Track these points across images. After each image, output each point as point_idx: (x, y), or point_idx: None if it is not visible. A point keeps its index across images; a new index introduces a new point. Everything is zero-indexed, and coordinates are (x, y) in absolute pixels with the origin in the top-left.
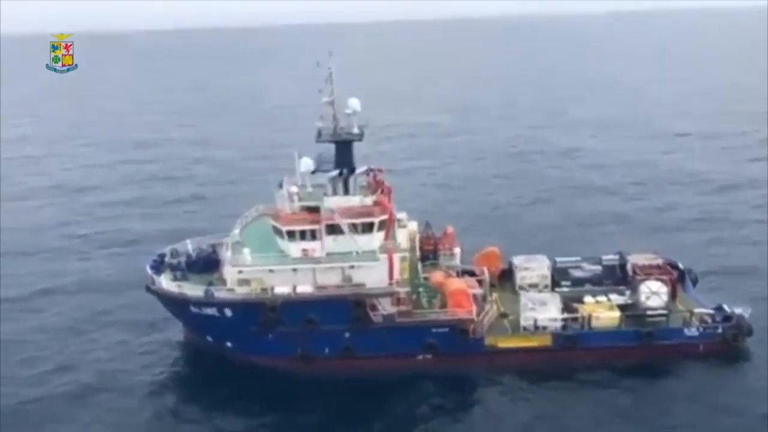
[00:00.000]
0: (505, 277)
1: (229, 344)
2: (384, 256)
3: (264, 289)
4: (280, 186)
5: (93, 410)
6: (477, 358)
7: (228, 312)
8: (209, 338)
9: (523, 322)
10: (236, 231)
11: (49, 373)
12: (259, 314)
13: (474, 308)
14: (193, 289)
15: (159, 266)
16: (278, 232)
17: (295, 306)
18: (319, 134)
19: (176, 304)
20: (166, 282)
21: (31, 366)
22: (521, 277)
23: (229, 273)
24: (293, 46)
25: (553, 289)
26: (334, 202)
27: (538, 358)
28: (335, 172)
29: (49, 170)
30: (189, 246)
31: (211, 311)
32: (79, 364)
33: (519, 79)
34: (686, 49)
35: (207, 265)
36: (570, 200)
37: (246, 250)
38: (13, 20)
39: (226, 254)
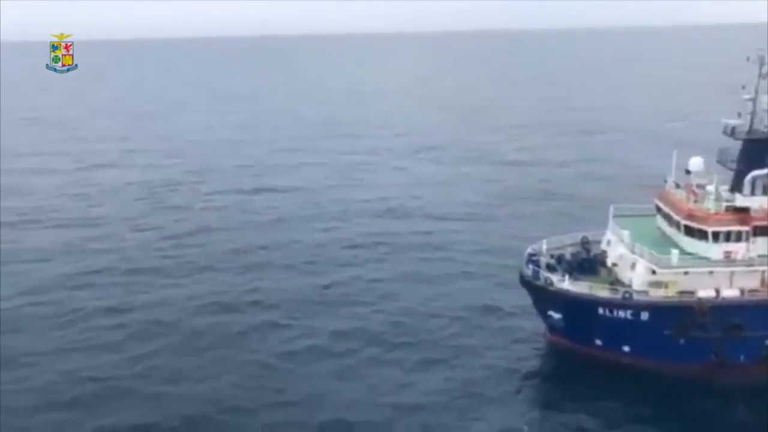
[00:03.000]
0: None
1: (626, 348)
2: None
3: (681, 292)
4: (665, 182)
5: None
6: None
7: (644, 315)
8: (598, 341)
9: None
10: (626, 232)
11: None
12: (677, 318)
13: None
14: (601, 291)
15: (536, 265)
16: (696, 232)
17: (722, 310)
18: (732, 131)
19: (576, 305)
20: (569, 282)
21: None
22: None
23: (640, 275)
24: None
25: None
26: (758, 202)
27: None
28: (764, 171)
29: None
30: (544, 246)
31: (623, 314)
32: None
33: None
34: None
35: (588, 266)
36: None
37: (675, 252)
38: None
39: (633, 255)
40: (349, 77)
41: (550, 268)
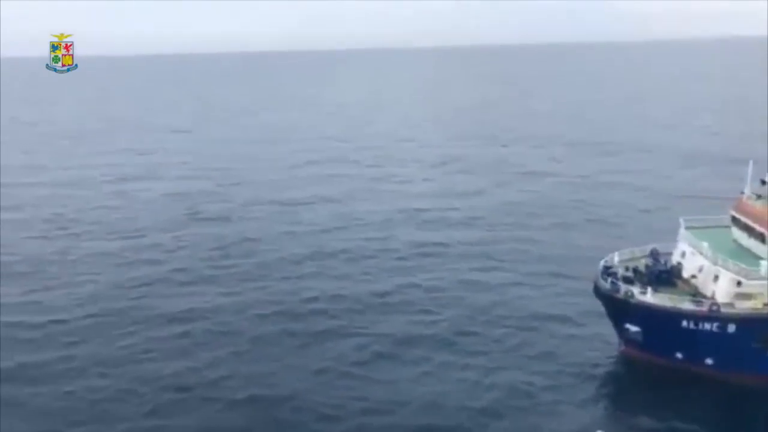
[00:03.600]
0: None
1: (709, 361)
2: None
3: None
4: (742, 194)
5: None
6: None
7: (731, 328)
8: (679, 354)
9: None
10: (704, 243)
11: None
12: (766, 330)
13: None
14: (685, 303)
15: (613, 278)
16: None
17: None
18: None
19: (657, 318)
20: (652, 295)
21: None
22: None
23: (724, 287)
24: None
25: None
26: None
27: None
28: None
29: None
30: (616, 258)
31: (708, 326)
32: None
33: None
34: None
35: (666, 278)
36: None
37: (764, 263)
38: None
39: (715, 267)
40: (362, 91)
41: (626, 281)
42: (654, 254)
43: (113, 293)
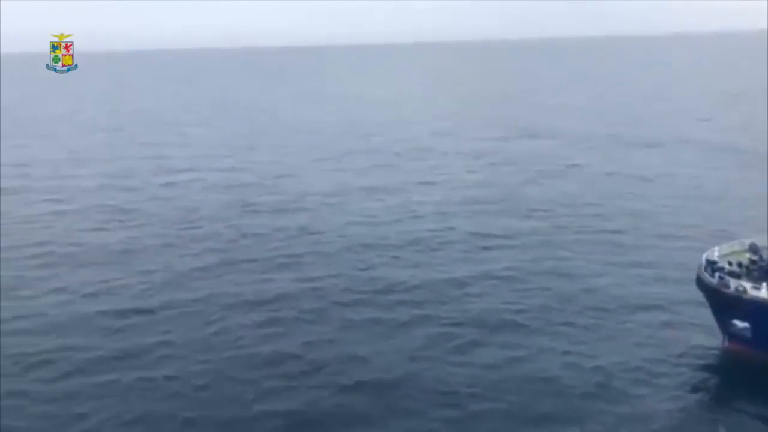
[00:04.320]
0: None
1: None
2: None
3: None
4: None
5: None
6: None
7: None
8: None
9: None
10: None
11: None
12: None
13: None
14: None
15: (720, 272)
16: None
17: None
18: None
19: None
20: (767, 290)
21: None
22: None
23: None
24: None
25: None
26: None
27: None
28: None
29: None
30: (716, 252)
31: None
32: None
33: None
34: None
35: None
36: None
37: None
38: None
39: None
40: (376, 86)
41: (733, 275)
42: (753, 248)
43: (188, 282)
